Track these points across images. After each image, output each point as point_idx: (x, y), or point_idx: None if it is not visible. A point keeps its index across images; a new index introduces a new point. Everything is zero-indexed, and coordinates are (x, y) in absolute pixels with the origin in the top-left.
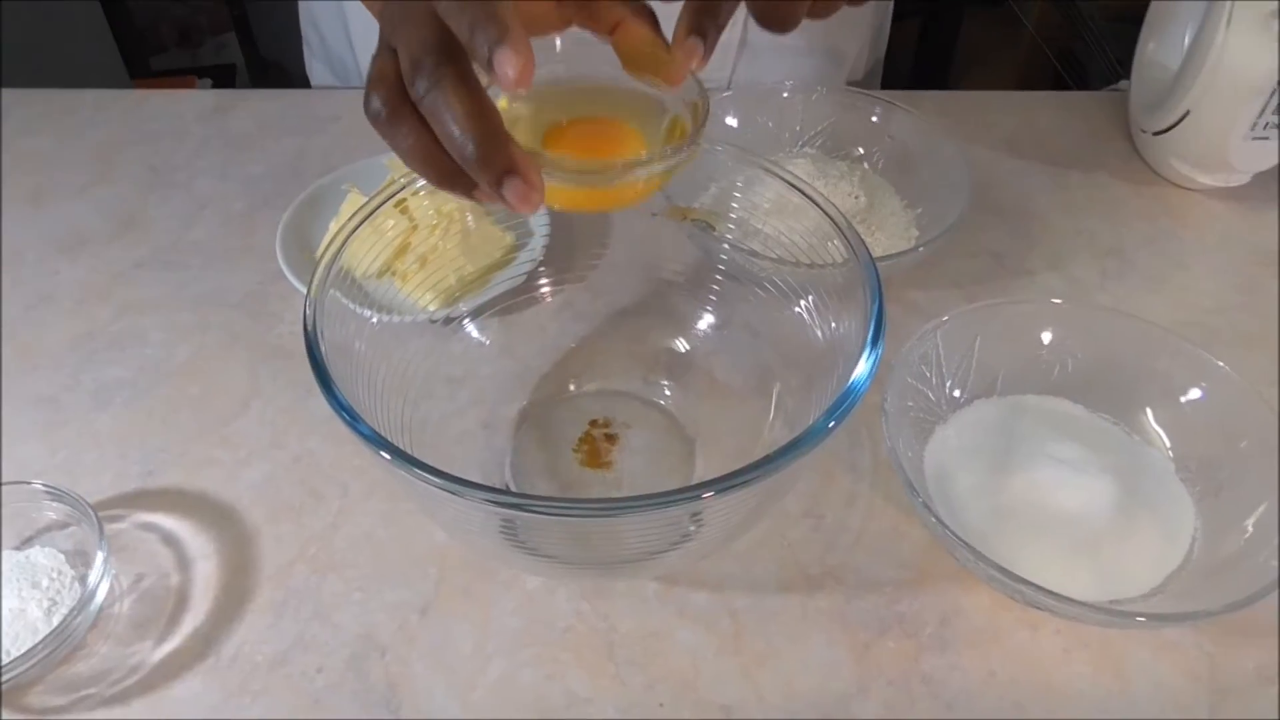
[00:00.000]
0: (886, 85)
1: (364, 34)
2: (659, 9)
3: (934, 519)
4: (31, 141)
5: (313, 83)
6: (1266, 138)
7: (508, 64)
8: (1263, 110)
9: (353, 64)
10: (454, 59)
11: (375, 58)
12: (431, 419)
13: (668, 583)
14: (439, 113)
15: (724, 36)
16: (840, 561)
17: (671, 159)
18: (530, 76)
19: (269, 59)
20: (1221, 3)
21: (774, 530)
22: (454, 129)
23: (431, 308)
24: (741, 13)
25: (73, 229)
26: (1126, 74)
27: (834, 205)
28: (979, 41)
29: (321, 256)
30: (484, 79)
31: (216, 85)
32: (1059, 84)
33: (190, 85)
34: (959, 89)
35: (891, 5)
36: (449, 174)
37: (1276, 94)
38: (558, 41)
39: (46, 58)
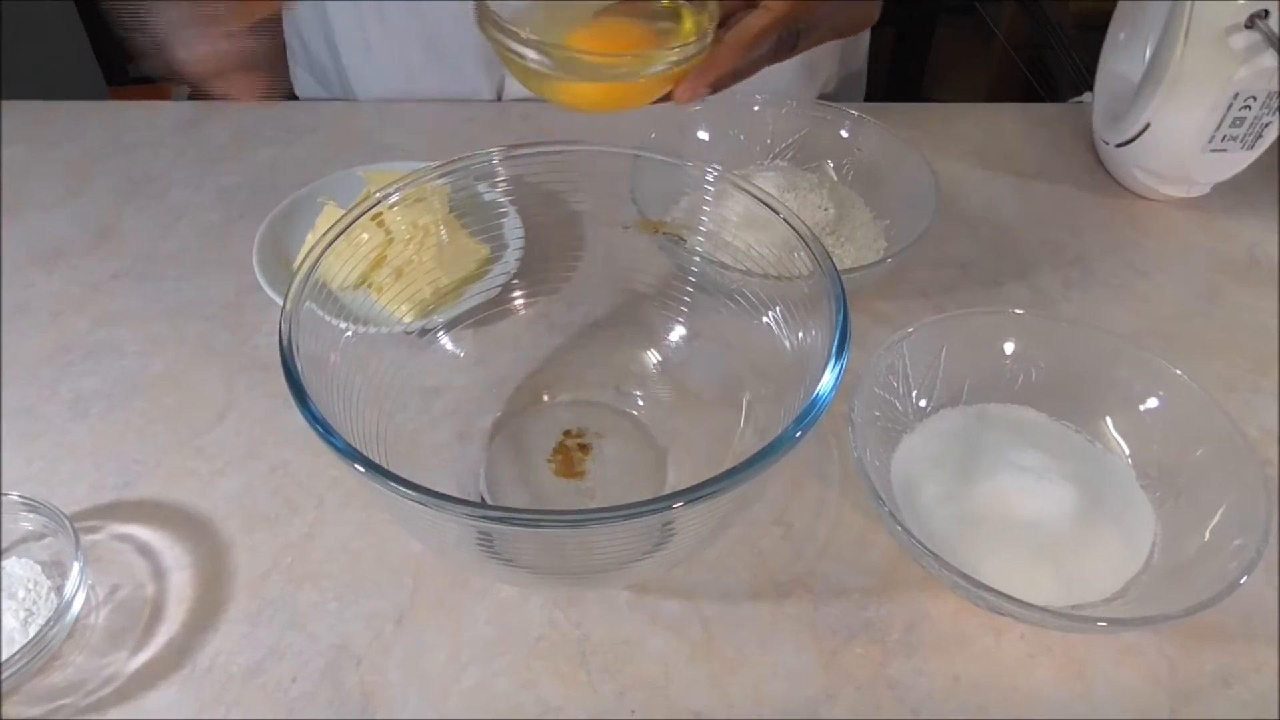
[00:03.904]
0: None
1: (347, 40)
2: None
3: (899, 527)
4: (7, 152)
5: (298, 91)
6: (1225, 149)
7: None
8: (1220, 122)
9: (334, 71)
10: None
11: None
12: (406, 430)
13: (639, 591)
14: None
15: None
16: (809, 569)
17: (684, 51)
18: None
19: None
20: (1180, 17)
21: (744, 538)
22: None
23: (407, 320)
24: None
25: (49, 240)
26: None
27: (799, 218)
28: (952, 50)
29: (298, 270)
30: None
31: (193, 92)
32: (1029, 92)
33: (166, 93)
34: (933, 97)
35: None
36: None
37: (1234, 106)
38: None
39: (22, 64)
